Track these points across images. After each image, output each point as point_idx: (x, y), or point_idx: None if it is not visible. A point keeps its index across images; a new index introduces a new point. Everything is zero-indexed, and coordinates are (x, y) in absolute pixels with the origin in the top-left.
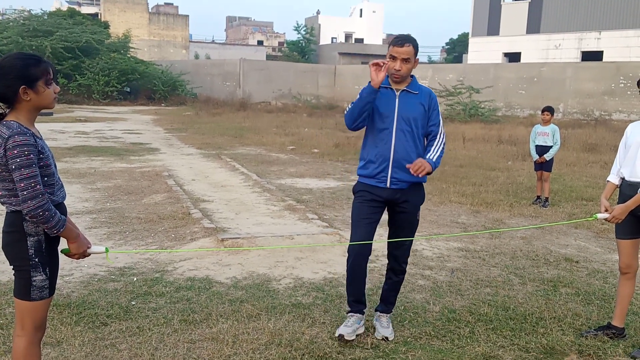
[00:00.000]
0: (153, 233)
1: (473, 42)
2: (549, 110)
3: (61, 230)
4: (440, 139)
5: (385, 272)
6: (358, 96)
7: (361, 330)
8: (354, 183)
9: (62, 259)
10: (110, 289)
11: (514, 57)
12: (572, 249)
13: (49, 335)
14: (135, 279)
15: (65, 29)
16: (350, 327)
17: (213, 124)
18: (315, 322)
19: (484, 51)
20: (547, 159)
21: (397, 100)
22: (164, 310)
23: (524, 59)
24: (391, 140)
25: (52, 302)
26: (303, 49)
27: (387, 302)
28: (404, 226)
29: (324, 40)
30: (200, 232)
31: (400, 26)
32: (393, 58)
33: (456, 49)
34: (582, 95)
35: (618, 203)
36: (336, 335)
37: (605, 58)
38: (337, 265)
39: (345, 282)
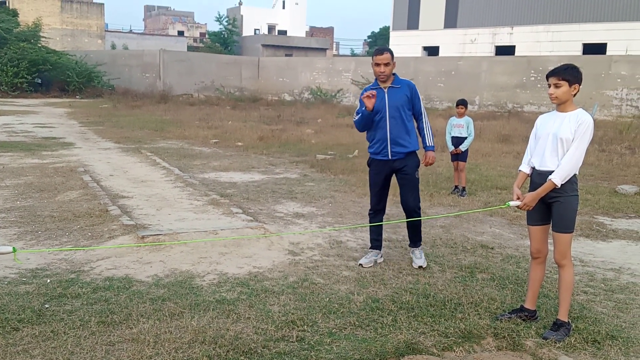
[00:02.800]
0: (68, 232)
1: (394, 36)
2: (463, 103)
3: None
4: (426, 123)
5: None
6: (360, 114)
7: (380, 260)
8: (278, 177)
9: None
10: (22, 292)
11: (433, 50)
12: (488, 236)
13: None
14: (48, 280)
15: None
16: (368, 258)
17: (132, 117)
18: (240, 318)
19: (405, 45)
20: (462, 150)
21: (386, 96)
22: (81, 313)
23: (442, 52)
24: (386, 125)
25: None
26: (225, 40)
27: (414, 240)
28: (407, 184)
29: (247, 31)
30: (119, 230)
31: (324, 19)
32: (377, 65)
33: (378, 42)
34: (496, 88)
35: (529, 191)
36: (358, 263)
37: (517, 52)
38: (262, 259)
39: (269, 274)
